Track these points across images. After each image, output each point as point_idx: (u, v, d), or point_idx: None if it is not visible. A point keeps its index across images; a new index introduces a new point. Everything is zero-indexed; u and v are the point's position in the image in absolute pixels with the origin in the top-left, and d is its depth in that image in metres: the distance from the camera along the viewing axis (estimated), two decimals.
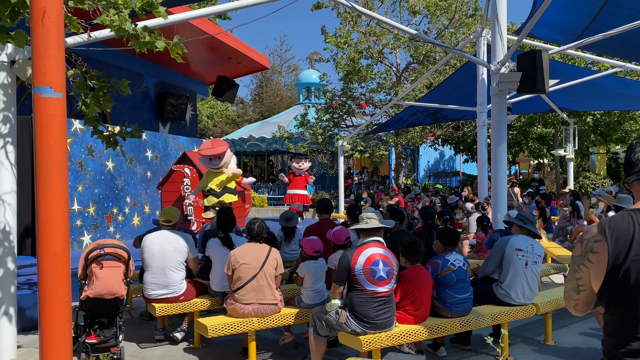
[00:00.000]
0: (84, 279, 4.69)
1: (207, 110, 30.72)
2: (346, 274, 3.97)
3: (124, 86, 4.25)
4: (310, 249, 4.82)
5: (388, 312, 4.01)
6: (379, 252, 4.03)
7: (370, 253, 3.99)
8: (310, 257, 4.85)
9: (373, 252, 4.00)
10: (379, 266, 3.95)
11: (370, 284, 3.92)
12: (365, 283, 3.92)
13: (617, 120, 17.55)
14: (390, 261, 4.05)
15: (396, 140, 19.55)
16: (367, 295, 3.92)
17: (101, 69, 9.75)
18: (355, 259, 3.94)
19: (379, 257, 3.99)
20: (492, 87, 6.72)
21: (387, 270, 3.99)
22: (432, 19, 18.31)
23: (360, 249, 4.02)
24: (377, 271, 3.93)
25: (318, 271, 4.79)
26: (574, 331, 5.49)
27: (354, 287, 3.96)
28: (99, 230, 10.02)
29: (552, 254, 8.36)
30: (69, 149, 9.28)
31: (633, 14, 6.58)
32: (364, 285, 3.92)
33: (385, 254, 4.07)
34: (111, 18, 3.63)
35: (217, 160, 9.06)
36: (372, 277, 3.92)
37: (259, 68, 14.70)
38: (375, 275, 3.92)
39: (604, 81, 10.50)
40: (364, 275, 3.92)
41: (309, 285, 4.77)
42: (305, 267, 4.79)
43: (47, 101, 2.70)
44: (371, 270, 3.93)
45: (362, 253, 3.98)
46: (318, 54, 39.52)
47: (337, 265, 4.08)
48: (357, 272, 3.93)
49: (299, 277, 4.83)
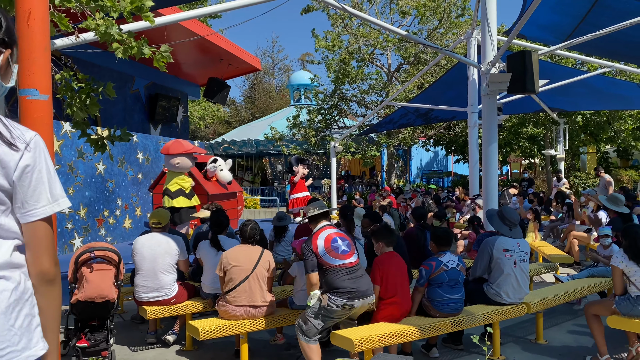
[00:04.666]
0: (74, 283, 4.66)
1: (198, 111, 30.64)
2: (314, 261, 4.17)
3: (109, 89, 4.22)
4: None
5: (363, 280, 4.21)
6: (333, 231, 4.33)
7: (326, 234, 4.27)
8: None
9: (328, 233, 4.28)
10: (338, 242, 4.25)
11: (338, 259, 4.18)
12: (333, 260, 4.16)
13: (607, 120, 17.68)
14: (346, 236, 4.38)
15: (388, 141, 19.60)
16: (338, 270, 4.14)
17: (92, 71, 9.70)
18: (316, 244, 4.20)
19: (335, 235, 4.29)
20: (483, 88, 6.74)
21: (347, 244, 4.29)
22: (422, 19, 18.38)
23: (316, 234, 4.29)
24: (338, 247, 4.22)
25: None
26: (564, 329, 5.52)
27: (325, 269, 4.16)
28: (90, 233, 9.96)
29: (543, 253, 8.41)
30: (59, 151, 9.22)
31: (621, 14, 6.62)
32: (333, 263, 4.15)
33: (339, 231, 4.39)
34: (96, 22, 3.60)
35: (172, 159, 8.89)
36: (337, 253, 4.19)
37: (251, 69, 14.70)
38: (338, 250, 4.20)
39: (593, 81, 10.58)
40: (329, 255, 4.17)
41: (300, 286, 4.77)
42: (298, 267, 4.79)
43: (32, 103, 2.67)
44: (333, 247, 4.20)
45: (319, 237, 4.27)
46: (310, 55, 39.57)
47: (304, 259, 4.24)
48: (322, 254, 4.17)
49: (290, 276, 4.84)
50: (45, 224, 1.53)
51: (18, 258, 1.51)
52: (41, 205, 1.51)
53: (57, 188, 1.55)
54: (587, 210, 9.26)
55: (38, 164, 1.50)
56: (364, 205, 13.45)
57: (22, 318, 1.48)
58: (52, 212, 1.53)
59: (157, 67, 4.37)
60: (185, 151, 8.80)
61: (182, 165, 8.76)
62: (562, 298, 5.30)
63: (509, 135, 19.65)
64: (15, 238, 1.51)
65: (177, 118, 14.78)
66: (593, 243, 8.34)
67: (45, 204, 1.51)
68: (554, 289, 5.60)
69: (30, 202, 1.49)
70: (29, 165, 1.48)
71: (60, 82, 4.52)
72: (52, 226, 1.56)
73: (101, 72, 10.95)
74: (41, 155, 1.52)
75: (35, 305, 1.53)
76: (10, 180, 1.46)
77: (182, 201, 8.53)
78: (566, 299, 5.41)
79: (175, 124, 14.92)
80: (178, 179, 8.62)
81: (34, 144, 1.51)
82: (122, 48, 4.02)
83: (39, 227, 1.52)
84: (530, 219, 9.07)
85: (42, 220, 1.52)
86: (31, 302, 1.52)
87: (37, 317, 1.53)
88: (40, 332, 1.54)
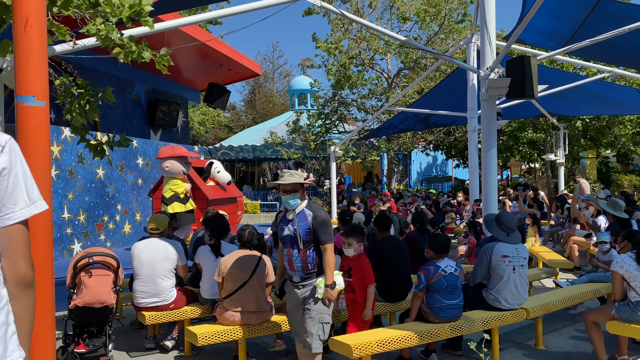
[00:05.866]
0: (73, 288, 4.66)
1: (198, 117, 30.68)
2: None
3: (108, 94, 4.24)
4: None
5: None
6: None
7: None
8: None
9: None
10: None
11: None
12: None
13: (607, 124, 17.68)
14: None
15: (388, 146, 19.61)
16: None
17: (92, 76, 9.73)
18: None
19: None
20: (482, 93, 6.74)
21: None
22: (422, 25, 18.43)
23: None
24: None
25: None
26: (564, 335, 5.50)
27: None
28: (89, 238, 9.96)
29: (543, 258, 8.40)
30: (59, 156, 9.23)
31: (620, 19, 6.64)
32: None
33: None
34: (97, 27, 3.62)
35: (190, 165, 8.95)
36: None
37: (251, 75, 14.72)
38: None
39: (593, 86, 10.58)
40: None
41: None
42: None
43: (30, 110, 2.68)
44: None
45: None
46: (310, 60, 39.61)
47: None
48: None
49: None
50: (23, 227, 1.52)
51: None
52: (19, 208, 1.49)
53: (34, 191, 1.54)
54: (587, 214, 9.26)
55: (14, 167, 1.49)
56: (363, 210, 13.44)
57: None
58: (30, 214, 1.52)
59: (158, 69, 4.39)
60: (174, 155, 8.80)
61: (172, 169, 8.72)
62: (562, 303, 5.29)
63: (508, 140, 19.64)
64: None
65: (177, 123, 14.79)
66: (593, 248, 8.33)
67: (23, 206, 1.50)
68: (553, 294, 5.59)
69: (7, 205, 1.48)
70: (5, 168, 1.47)
71: (60, 88, 4.53)
72: (28, 229, 1.55)
73: (101, 78, 10.97)
74: (17, 158, 1.51)
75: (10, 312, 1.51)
76: None
77: (177, 206, 8.54)
78: (566, 305, 5.40)
79: (176, 129, 14.94)
80: (171, 185, 8.61)
81: (9, 147, 1.49)
82: (123, 52, 4.03)
83: (16, 231, 1.50)
84: (529, 223, 9.07)
85: (19, 224, 1.50)
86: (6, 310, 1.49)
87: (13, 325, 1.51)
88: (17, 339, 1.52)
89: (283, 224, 4.00)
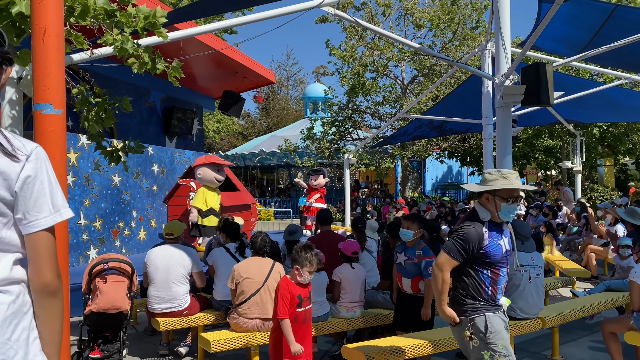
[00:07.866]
0: (88, 294, 4.71)
1: (213, 125, 30.88)
2: None
3: (125, 103, 4.30)
4: None
5: None
6: None
7: None
8: None
9: None
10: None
11: None
12: None
13: (624, 131, 17.45)
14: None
15: (402, 153, 19.55)
16: None
17: (108, 84, 9.86)
18: None
19: None
20: (497, 100, 6.70)
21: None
22: (436, 32, 18.40)
23: None
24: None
25: (318, 283, 4.76)
26: (581, 345, 5.41)
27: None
28: (105, 244, 10.06)
29: (559, 267, 8.29)
30: (75, 163, 9.35)
31: (637, 27, 6.56)
32: None
33: None
34: (114, 37, 3.68)
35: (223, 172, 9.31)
36: None
37: (265, 82, 14.81)
38: None
39: (610, 93, 10.45)
40: None
41: (314, 298, 4.74)
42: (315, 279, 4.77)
43: (47, 118, 2.72)
44: None
45: None
46: (324, 68, 39.75)
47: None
48: None
49: None
50: (48, 234, 1.53)
51: (18, 272, 1.51)
52: (43, 216, 1.51)
53: (59, 198, 1.56)
54: (605, 224, 9.13)
55: (40, 175, 1.51)
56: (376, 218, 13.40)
57: (19, 331, 1.47)
58: (54, 222, 1.53)
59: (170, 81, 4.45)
60: (205, 162, 9.46)
61: (204, 176, 9.34)
62: (578, 313, 5.21)
63: (524, 147, 19.47)
64: (16, 251, 1.51)
65: (192, 130, 14.91)
66: (610, 257, 8.20)
67: (47, 214, 1.52)
68: (569, 303, 5.51)
69: (32, 212, 1.49)
70: (30, 176, 1.49)
71: (78, 96, 4.60)
72: (54, 237, 1.56)
73: (118, 85, 11.12)
74: (42, 166, 1.53)
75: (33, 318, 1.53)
76: (12, 191, 1.47)
77: (212, 220, 9.06)
78: (582, 315, 5.31)
79: (191, 136, 15.06)
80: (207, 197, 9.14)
81: (35, 155, 1.51)
82: (137, 63, 4.09)
83: (41, 238, 1.52)
84: (543, 231, 8.96)
85: (44, 231, 1.52)
86: (29, 316, 1.51)
87: (35, 330, 1.52)
88: (39, 345, 1.53)
89: (496, 238, 3.11)
